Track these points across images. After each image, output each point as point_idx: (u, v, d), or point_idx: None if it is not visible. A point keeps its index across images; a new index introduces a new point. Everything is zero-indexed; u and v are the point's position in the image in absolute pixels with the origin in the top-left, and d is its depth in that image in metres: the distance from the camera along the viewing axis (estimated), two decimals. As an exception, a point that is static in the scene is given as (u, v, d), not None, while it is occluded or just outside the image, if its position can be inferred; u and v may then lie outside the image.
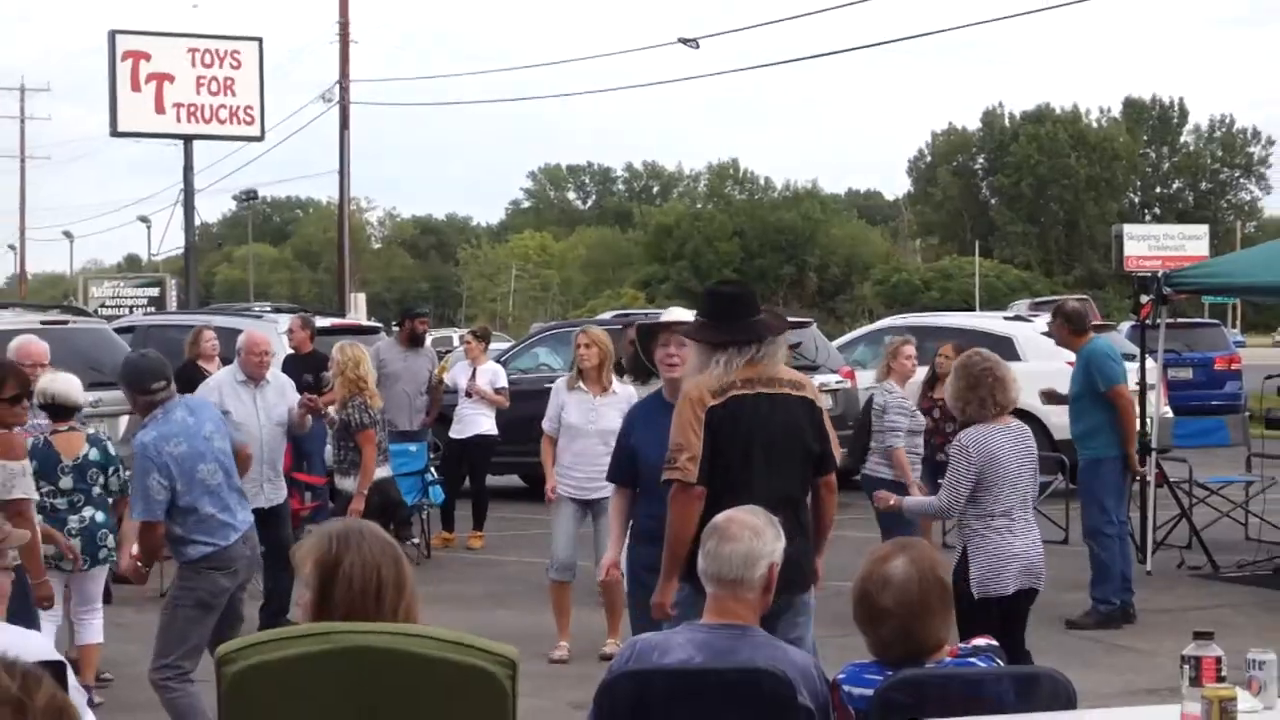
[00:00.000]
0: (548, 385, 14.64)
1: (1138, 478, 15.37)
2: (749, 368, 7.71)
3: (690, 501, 7.58)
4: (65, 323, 19.14)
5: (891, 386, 13.91)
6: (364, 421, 13.55)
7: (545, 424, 12.81)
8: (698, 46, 38.77)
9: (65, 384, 10.25)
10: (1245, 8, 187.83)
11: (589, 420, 12.38)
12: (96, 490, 10.12)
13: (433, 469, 17.49)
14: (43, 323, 18.47)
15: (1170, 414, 20.16)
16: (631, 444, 8.93)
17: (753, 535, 6.03)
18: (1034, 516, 9.72)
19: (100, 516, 10.15)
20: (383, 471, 13.90)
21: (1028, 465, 9.68)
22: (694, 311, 8.75)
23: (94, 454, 10.16)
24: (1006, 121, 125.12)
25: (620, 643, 11.47)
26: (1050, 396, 17.60)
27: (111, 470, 10.29)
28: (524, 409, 16.76)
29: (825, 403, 7.98)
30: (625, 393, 12.80)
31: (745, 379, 7.69)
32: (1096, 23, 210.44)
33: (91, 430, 10.47)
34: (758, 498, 6.74)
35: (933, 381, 15.06)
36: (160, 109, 35.74)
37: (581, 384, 12.61)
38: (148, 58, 35.62)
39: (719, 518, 6.20)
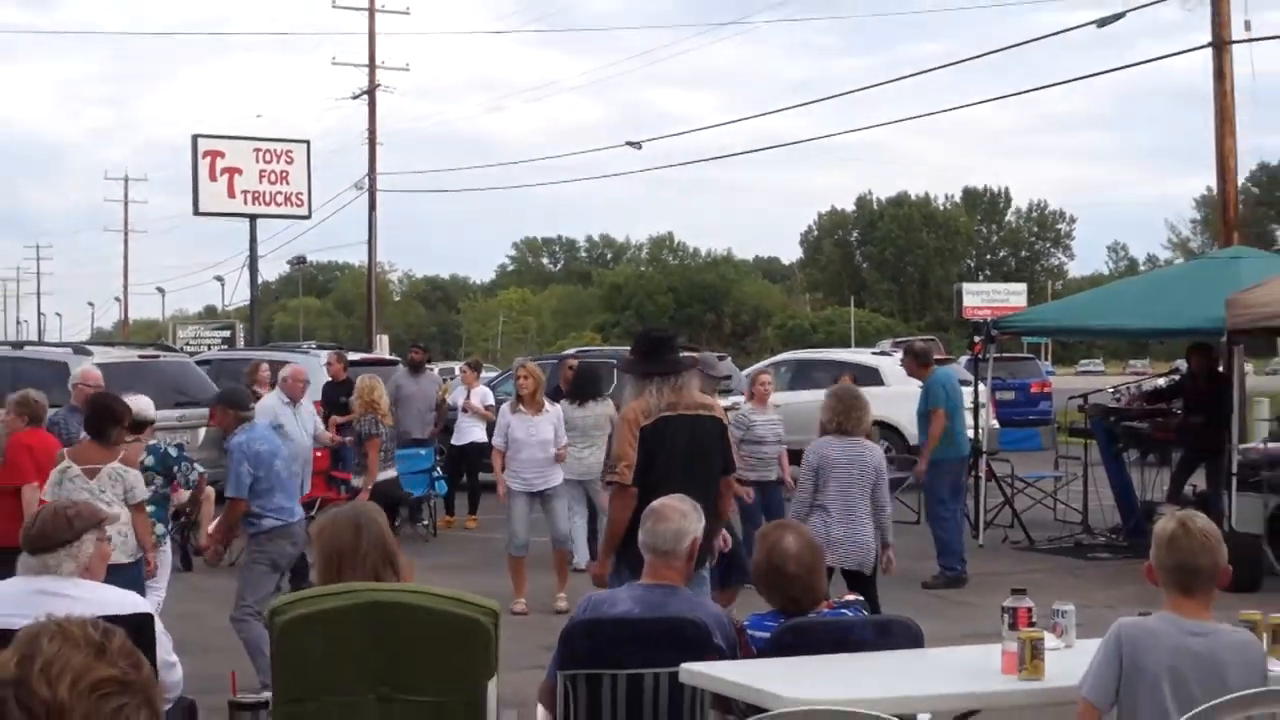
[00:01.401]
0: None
1: (971, 474, 15.47)
2: (672, 394, 7.74)
3: (626, 499, 7.62)
4: (158, 357, 19.33)
5: (743, 406, 14.41)
6: (372, 432, 13.56)
7: (495, 440, 12.96)
8: (640, 147, 38.87)
9: (144, 404, 10.23)
10: (1057, 117, 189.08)
11: (530, 434, 12.50)
12: (152, 490, 10.04)
13: (438, 468, 17.60)
14: (140, 357, 18.68)
15: (997, 425, 20.27)
16: None
17: (681, 517, 6.05)
18: (865, 513, 9.52)
19: (155, 510, 10.08)
20: (388, 473, 13.86)
21: (857, 473, 9.52)
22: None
23: (149, 460, 10.07)
24: (874, 205, 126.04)
25: (566, 597, 11.83)
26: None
27: (173, 469, 10.12)
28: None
29: (729, 420, 8.00)
30: (555, 411, 12.97)
31: (670, 404, 7.73)
32: (942, 130, 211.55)
33: (152, 442, 10.38)
34: (687, 491, 6.77)
35: None
36: (231, 194, 35.79)
37: (521, 407, 12.72)
38: (222, 155, 35.71)
39: (655, 503, 6.22)
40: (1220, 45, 23.37)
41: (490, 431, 17.77)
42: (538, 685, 6.26)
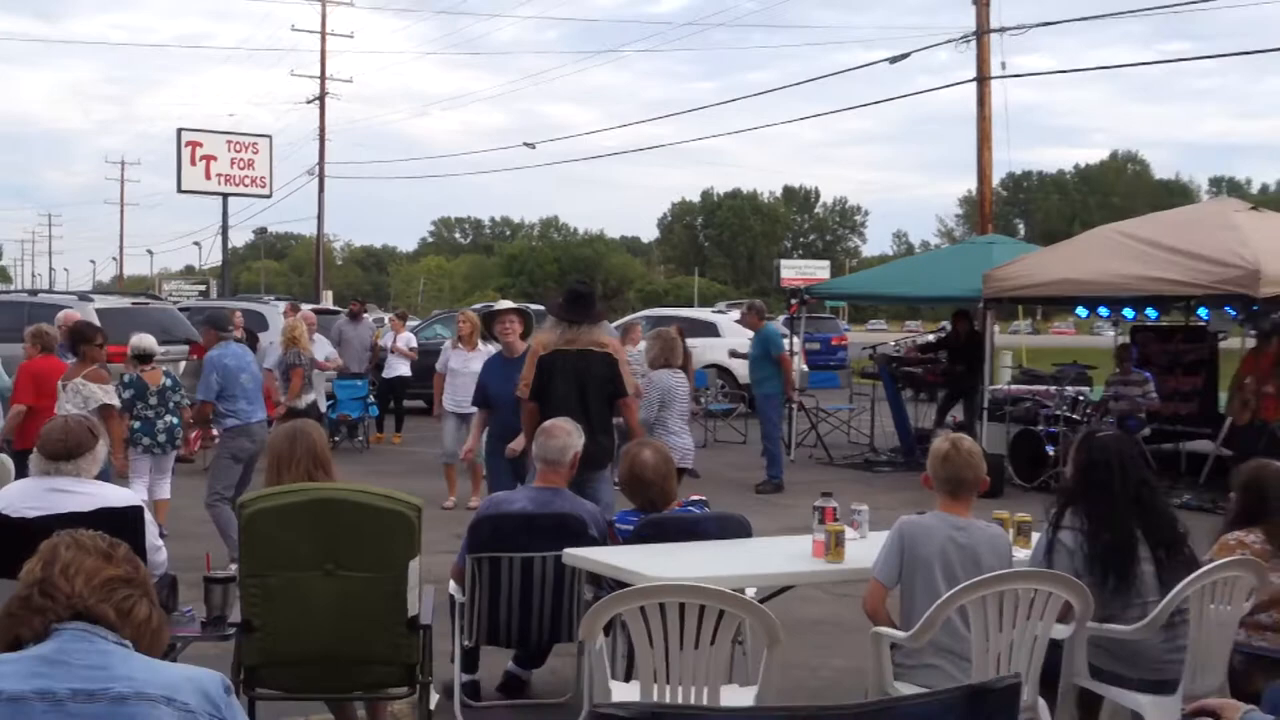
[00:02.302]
0: (439, 347, 14.65)
1: (789, 403, 15.59)
2: (571, 333, 7.69)
3: (530, 409, 7.61)
4: (147, 304, 19.06)
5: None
6: (295, 363, 13.34)
7: (438, 366, 12.78)
8: (534, 147, 38.54)
9: (147, 340, 10.21)
10: (857, 132, 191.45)
11: (464, 366, 12.32)
12: (171, 404, 9.98)
13: (371, 396, 17.49)
14: (133, 303, 18.41)
15: (806, 369, 20.39)
16: (484, 383, 8.99)
17: (566, 435, 6.00)
18: (687, 426, 9.83)
19: (175, 421, 10.03)
20: (309, 397, 13.59)
21: (682, 395, 9.71)
22: (515, 304, 9.23)
23: (168, 382, 10.04)
24: (715, 197, 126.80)
25: (479, 498, 11.62)
26: (734, 354, 18.15)
27: (178, 391, 10.16)
28: (426, 361, 16.64)
29: (623, 355, 7.95)
30: (486, 350, 12.84)
31: (567, 340, 7.68)
32: (769, 140, 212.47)
33: (165, 368, 10.33)
34: (572, 412, 6.76)
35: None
36: (208, 177, 35.07)
37: (460, 344, 12.59)
38: (201, 145, 34.98)
39: (546, 424, 6.17)
40: (982, 80, 23.62)
41: (413, 368, 17.92)
42: (442, 565, 6.22)
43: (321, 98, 44.36)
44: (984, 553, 4.79)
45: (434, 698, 5.05)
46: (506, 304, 10.36)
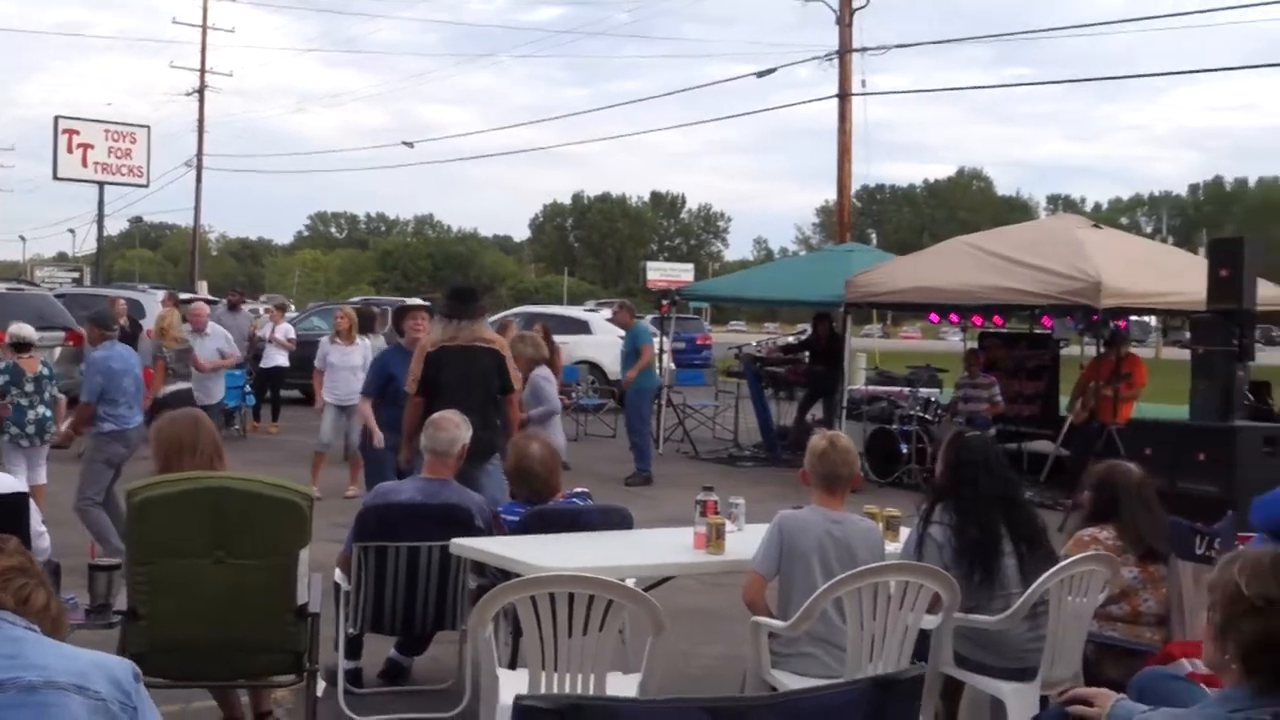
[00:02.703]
0: (317, 339, 14.36)
1: (658, 401, 15.63)
2: (456, 330, 7.57)
3: (415, 404, 7.44)
4: (23, 290, 18.54)
5: None
6: (157, 354, 12.86)
7: (316, 362, 12.48)
8: (412, 146, 38.29)
9: (26, 330, 9.73)
10: (723, 142, 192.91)
11: (343, 360, 12.15)
12: (46, 395, 9.48)
13: (248, 385, 17.11)
14: (8, 289, 17.87)
15: (674, 367, 20.45)
16: (394, 374, 8.78)
17: (454, 427, 5.90)
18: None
19: (47, 412, 9.50)
20: (176, 385, 12.95)
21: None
22: (426, 302, 9.04)
23: (45, 371, 9.56)
24: (585, 200, 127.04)
25: (357, 488, 11.44)
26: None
27: (51, 382, 9.68)
28: (303, 352, 16.31)
29: (508, 351, 7.86)
30: (364, 344, 12.63)
31: (451, 337, 7.56)
32: (639, 147, 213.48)
33: (42, 357, 9.83)
34: (460, 407, 6.62)
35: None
36: (84, 165, 34.01)
37: (338, 339, 12.37)
38: (78, 133, 33.92)
39: (435, 416, 6.05)
40: (844, 97, 23.98)
41: (290, 359, 17.55)
42: (332, 555, 6.07)
43: (201, 90, 43.46)
44: (858, 546, 4.82)
45: (321, 685, 4.91)
46: (417, 301, 10.22)
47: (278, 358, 17.57)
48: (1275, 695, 2.48)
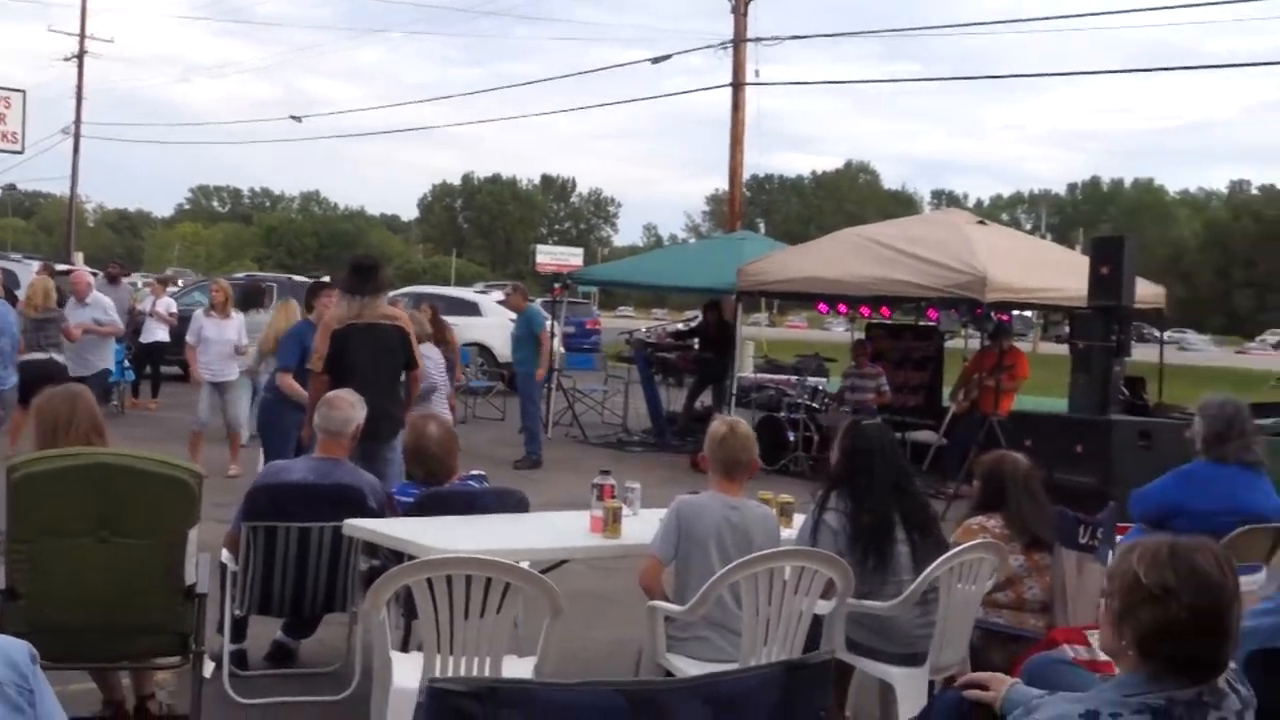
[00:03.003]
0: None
1: (547, 383, 15.58)
2: (360, 306, 7.50)
3: (319, 382, 7.32)
4: None
5: None
6: (24, 329, 12.40)
7: (189, 337, 12.25)
8: (300, 120, 37.56)
9: None
10: (614, 127, 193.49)
11: (218, 334, 11.93)
12: None
13: (127, 360, 16.68)
14: None
15: (564, 351, 20.40)
16: (306, 344, 8.64)
17: (349, 407, 5.81)
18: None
19: None
20: (45, 354, 12.39)
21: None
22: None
23: None
24: (475, 181, 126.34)
25: (238, 466, 11.34)
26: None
27: None
28: (184, 327, 15.96)
29: (411, 328, 7.79)
30: (239, 318, 12.39)
31: (356, 314, 7.48)
32: (530, 129, 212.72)
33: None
34: (365, 384, 6.59)
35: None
36: (-44, 130, 32.85)
37: (213, 312, 12.12)
38: (-51, 98, 32.78)
39: (329, 395, 5.96)
40: (737, 86, 24.09)
41: (171, 334, 17.13)
42: (214, 535, 5.92)
43: (80, 55, 42.14)
44: (755, 532, 4.85)
45: (207, 667, 4.80)
46: (327, 279, 10.04)
47: (157, 332, 17.18)
48: (1169, 680, 2.55)
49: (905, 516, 5.03)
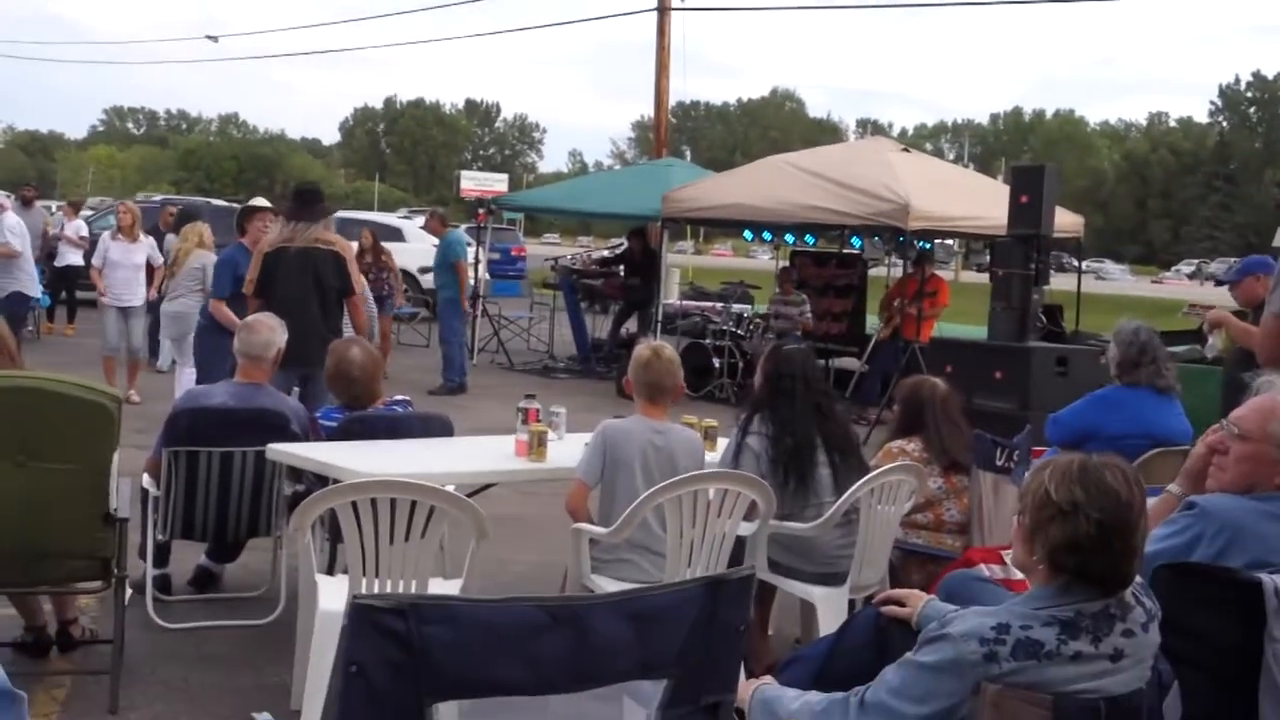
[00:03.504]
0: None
1: (469, 311, 15.51)
2: (292, 231, 7.46)
3: (252, 305, 7.26)
4: None
5: None
6: None
7: (94, 260, 12.06)
8: (217, 40, 36.69)
9: None
10: (541, 51, 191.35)
11: (125, 257, 11.71)
12: None
13: (42, 284, 16.32)
14: None
15: (489, 278, 20.30)
16: (240, 272, 8.53)
17: (269, 331, 5.75)
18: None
19: None
20: None
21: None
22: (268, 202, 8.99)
23: None
24: (399, 105, 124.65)
25: (137, 393, 11.23)
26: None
27: None
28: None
29: (350, 254, 7.71)
30: (147, 242, 12.19)
31: (288, 238, 7.44)
32: (455, 52, 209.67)
33: None
34: (293, 308, 6.72)
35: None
36: None
37: (120, 235, 11.90)
38: None
39: (250, 318, 5.90)
40: (662, 10, 23.88)
41: (85, 257, 16.80)
42: (132, 460, 5.86)
43: (-13, -29, 40.71)
44: (680, 455, 4.89)
45: (128, 592, 4.77)
46: (262, 201, 9.79)
47: (70, 256, 16.83)
48: (1078, 593, 2.63)
49: (826, 439, 5.09)
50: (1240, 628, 2.90)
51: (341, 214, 27.37)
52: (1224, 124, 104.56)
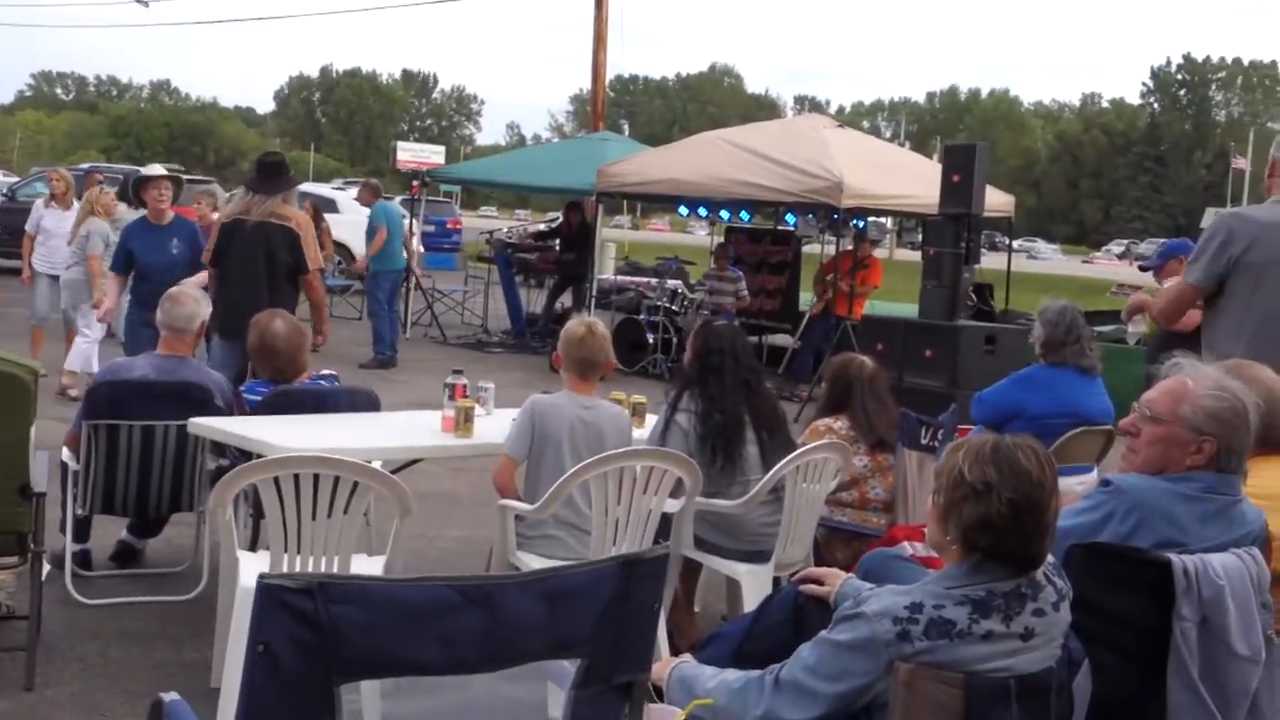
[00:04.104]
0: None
1: (406, 285, 15.41)
2: (246, 204, 7.40)
3: (212, 276, 7.44)
4: None
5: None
6: None
7: (28, 227, 11.72)
8: (148, 4, 36.05)
9: None
10: (478, 21, 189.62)
11: (58, 226, 11.40)
12: None
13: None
14: None
15: (423, 250, 20.15)
16: (131, 248, 8.44)
17: (194, 303, 5.68)
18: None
19: None
20: None
21: None
22: (167, 169, 8.85)
23: None
24: (335, 74, 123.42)
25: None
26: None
27: None
28: (21, 219, 15.39)
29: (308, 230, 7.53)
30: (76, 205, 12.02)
31: (243, 211, 7.38)
32: (388, 20, 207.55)
33: None
34: (243, 280, 7.03)
35: None
36: None
37: (54, 202, 11.64)
38: None
39: (173, 290, 5.83)
40: (602, -17, 23.74)
41: (9, 226, 16.46)
42: (55, 434, 5.78)
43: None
44: (608, 431, 4.88)
45: (46, 568, 4.70)
46: (158, 168, 9.59)
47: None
48: (990, 572, 2.66)
49: (755, 415, 5.11)
50: (1150, 607, 2.94)
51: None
52: (1155, 106, 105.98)
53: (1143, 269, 8.44)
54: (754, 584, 4.93)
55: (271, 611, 1.92)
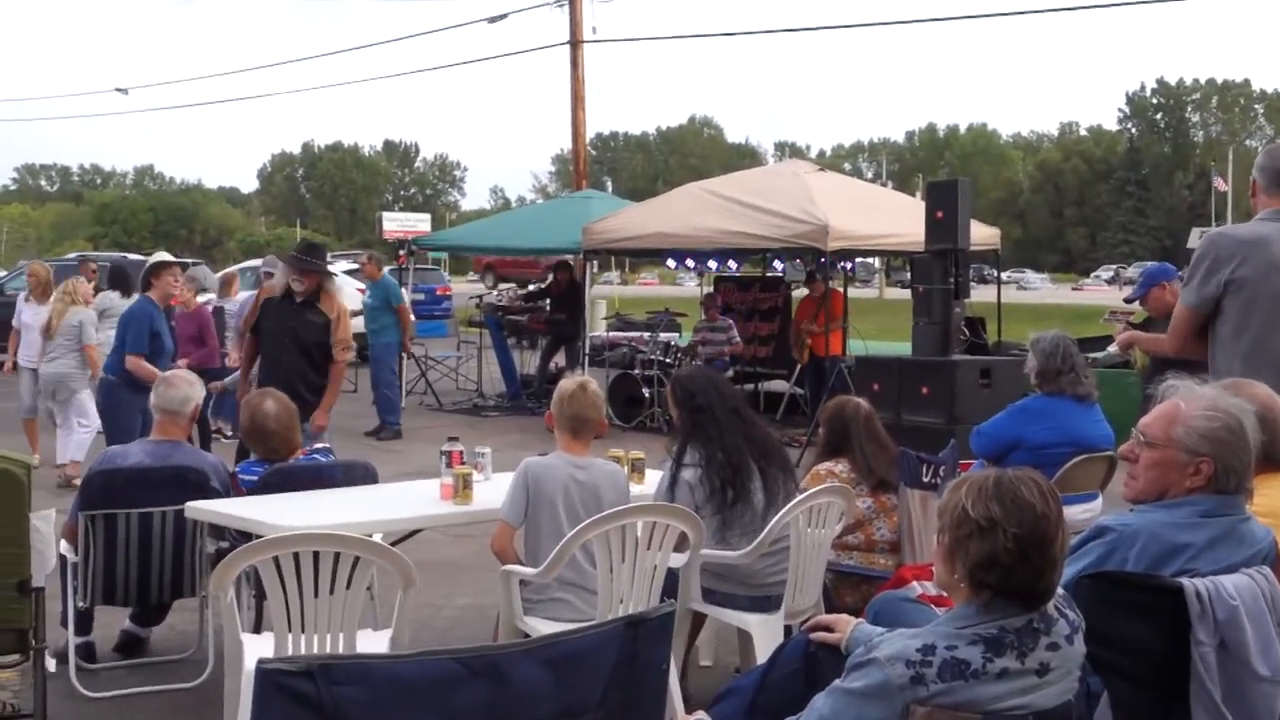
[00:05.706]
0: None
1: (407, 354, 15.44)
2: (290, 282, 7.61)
3: (249, 345, 7.84)
4: None
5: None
6: None
7: (15, 323, 11.77)
8: (127, 93, 36.35)
9: None
10: (458, 89, 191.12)
11: (35, 320, 11.35)
12: None
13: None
14: None
15: (413, 318, 20.15)
16: (156, 330, 8.61)
17: (188, 386, 5.67)
18: None
19: None
20: None
21: None
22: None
23: None
24: (316, 149, 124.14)
25: (39, 455, 10.85)
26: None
27: None
28: (8, 313, 15.38)
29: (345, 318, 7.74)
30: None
31: (286, 289, 7.60)
32: (371, 94, 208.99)
33: None
34: (272, 361, 7.41)
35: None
36: None
37: (32, 298, 11.65)
38: None
39: (168, 373, 5.84)
40: (575, 44, 23.99)
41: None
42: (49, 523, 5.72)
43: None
44: (604, 489, 4.85)
45: (50, 663, 4.64)
46: (166, 256, 9.64)
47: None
48: (1000, 609, 2.62)
49: (751, 444, 5.05)
50: (1166, 634, 2.91)
51: (259, 262, 27.19)
52: (1133, 130, 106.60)
53: (1128, 300, 8.42)
54: (765, 634, 4.88)
55: (272, 697, 1.89)
